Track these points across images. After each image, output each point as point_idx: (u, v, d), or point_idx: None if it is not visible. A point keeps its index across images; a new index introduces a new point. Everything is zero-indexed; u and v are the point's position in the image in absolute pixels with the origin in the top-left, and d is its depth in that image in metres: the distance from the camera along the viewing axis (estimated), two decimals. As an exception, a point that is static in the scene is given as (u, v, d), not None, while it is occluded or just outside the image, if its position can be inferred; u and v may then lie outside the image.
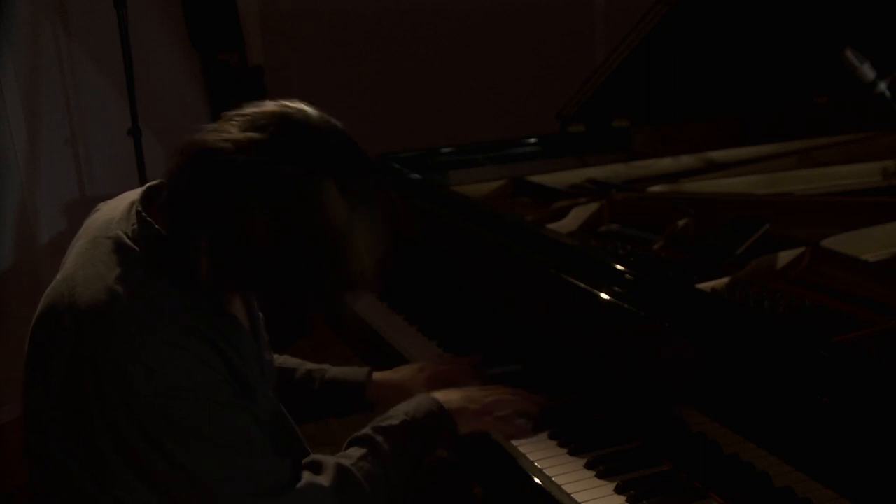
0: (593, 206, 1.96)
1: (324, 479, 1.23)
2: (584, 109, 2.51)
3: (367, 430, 1.34)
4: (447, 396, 1.43)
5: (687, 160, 2.34)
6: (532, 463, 1.38)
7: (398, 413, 1.37)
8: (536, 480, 1.35)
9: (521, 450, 1.41)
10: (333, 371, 1.62)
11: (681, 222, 1.77)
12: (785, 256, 1.58)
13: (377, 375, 1.62)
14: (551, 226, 1.87)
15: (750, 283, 1.50)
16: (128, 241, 1.17)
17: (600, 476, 1.32)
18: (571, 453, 1.38)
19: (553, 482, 1.32)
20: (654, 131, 2.53)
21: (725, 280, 1.51)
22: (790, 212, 1.84)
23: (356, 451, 1.30)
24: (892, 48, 1.97)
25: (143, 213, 1.19)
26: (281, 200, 1.09)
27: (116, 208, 1.25)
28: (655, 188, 2.06)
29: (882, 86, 1.94)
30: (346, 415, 1.63)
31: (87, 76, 3.31)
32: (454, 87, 4.10)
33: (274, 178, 1.08)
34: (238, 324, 1.24)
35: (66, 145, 3.24)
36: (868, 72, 1.91)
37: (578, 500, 1.28)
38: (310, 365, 1.63)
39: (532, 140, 2.54)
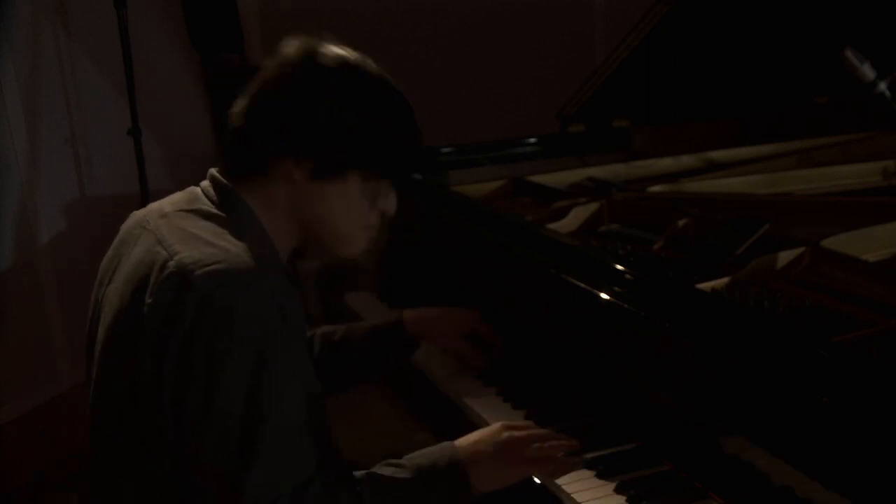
0: (593, 206, 1.96)
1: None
2: (584, 109, 2.51)
3: (368, 472, 1.25)
4: (476, 448, 1.28)
5: (687, 160, 2.34)
6: (532, 463, 1.38)
7: (412, 464, 1.26)
8: (536, 480, 1.35)
9: (521, 450, 1.41)
10: (368, 322, 1.70)
11: (681, 222, 1.77)
12: (785, 256, 1.58)
13: (409, 312, 1.68)
14: (551, 226, 1.87)
15: (750, 283, 1.50)
16: (214, 210, 1.24)
17: (600, 476, 1.32)
18: (571, 453, 1.38)
19: (553, 481, 1.32)
20: (654, 131, 2.53)
21: (725, 280, 1.51)
22: (790, 212, 1.84)
23: (349, 490, 1.23)
24: (892, 48, 1.97)
25: (221, 178, 1.26)
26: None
27: (168, 201, 1.30)
28: (655, 188, 2.06)
29: (882, 86, 1.94)
30: (391, 363, 1.69)
31: (87, 76, 3.31)
32: (454, 87, 4.09)
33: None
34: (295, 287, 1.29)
35: (66, 145, 3.24)
36: (868, 72, 1.91)
37: (578, 499, 1.28)
38: (342, 326, 1.68)
39: (532, 140, 2.54)
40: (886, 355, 1.24)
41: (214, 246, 1.17)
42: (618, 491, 1.28)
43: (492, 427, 1.31)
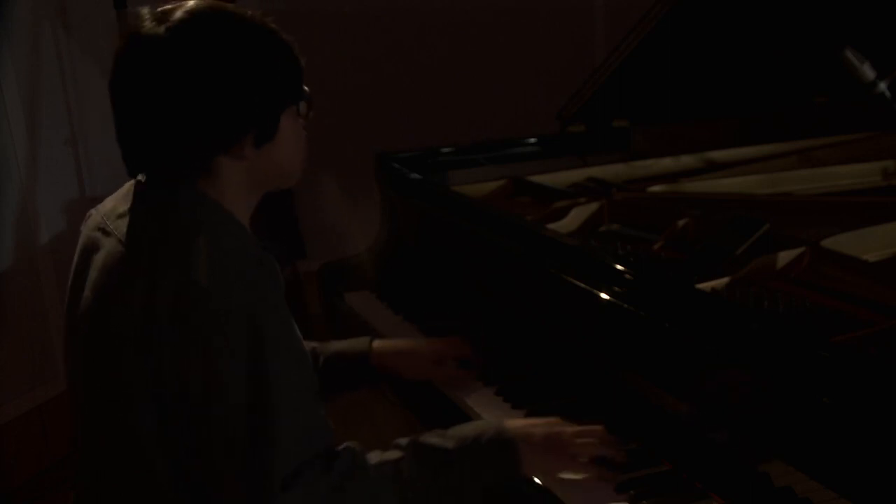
0: (593, 206, 1.96)
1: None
2: (584, 109, 2.51)
3: (407, 441, 1.26)
4: (528, 429, 1.30)
5: (687, 160, 2.34)
6: (532, 463, 1.37)
7: (457, 434, 1.27)
8: (537, 480, 1.35)
9: (521, 450, 1.41)
10: (336, 345, 1.64)
11: (681, 222, 1.77)
12: (785, 256, 1.57)
13: (379, 344, 1.64)
14: (551, 226, 1.87)
15: (750, 283, 1.50)
16: (169, 202, 1.20)
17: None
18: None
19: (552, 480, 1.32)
20: (654, 131, 2.53)
21: (725, 280, 1.51)
22: (790, 212, 1.84)
23: (391, 454, 1.24)
24: (892, 48, 1.97)
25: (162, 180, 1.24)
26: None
27: (123, 200, 1.28)
28: (655, 188, 2.06)
29: (882, 86, 1.94)
30: (356, 388, 1.65)
31: (87, 76, 3.31)
32: (454, 87, 4.09)
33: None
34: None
35: (66, 145, 3.24)
36: (868, 72, 1.91)
37: (578, 499, 1.28)
38: (312, 343, 1.64)
39: (532, 140, 2.54)
40: (886, 355, 1.24)
41: (178, 237, 1.15)
42: (618, 491, 1.28)
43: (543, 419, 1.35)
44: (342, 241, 2.63)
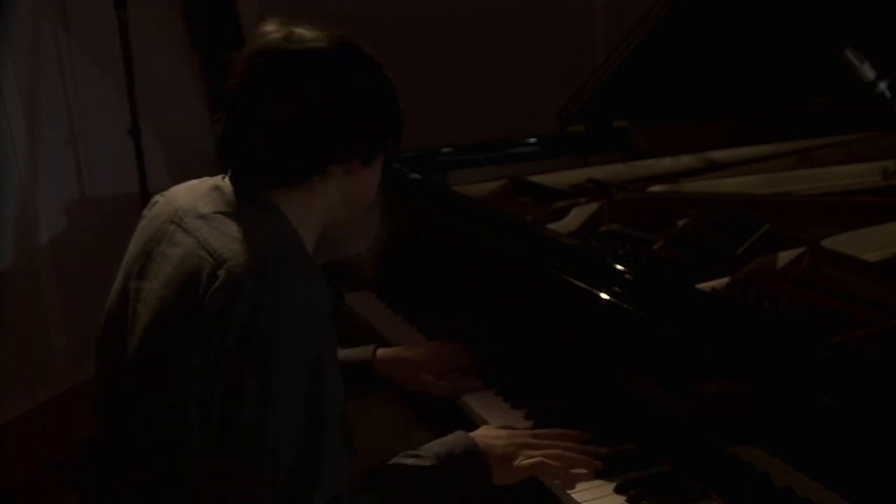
0: (593, 206, 1.96)
1: None
2: (584, 109, 2.51)
3: (388, 465, 1.30)
4: (492, 441, 1.35)
5: (687, 160, 2.34)
6: (532, 463, 1.37)
7: (430, 453, 1.32)
8: (540, 480, 1.35)
9: (521, 450, 1.41)
10: (340, 354, 1.65)
11: (681, 222, 1.77)
12: (785, 256, 1.58)
13: (383, 352, 1.66)
14: (551, 226, 1.87)
15: (750, 283, 1.50)
16: (253, 214, 1.22)
17: (600, 476, 1.32)
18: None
19: (553, 481, 1.32)
20: (654, 131, 2.53)
21: (725, 280, 1.51)
22: (790, 212, 1.84)
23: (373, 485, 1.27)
24: (892, 48, 1.97)
25: (250, 185, 1.26)
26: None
27: (201, 200, 1.27)
28: (655, 188, 2.06)
29: (882, 86, 1.94)
30: (358, 395, 1.67)
31: (87, 76, 3.31)
32: (454, 86, 4.09)
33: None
34: None
35: (66, 145, 3.24)
36: (868, 72, 1.91)
37: (578, 500, 1.28)
38: None
39: (532, 140, 2.54)
40: (886, 355, 1.24)
41: (262, 253, 1.16)
42: (618, 491, 1.28)
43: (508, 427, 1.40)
44: (342, 241, 2.63)
